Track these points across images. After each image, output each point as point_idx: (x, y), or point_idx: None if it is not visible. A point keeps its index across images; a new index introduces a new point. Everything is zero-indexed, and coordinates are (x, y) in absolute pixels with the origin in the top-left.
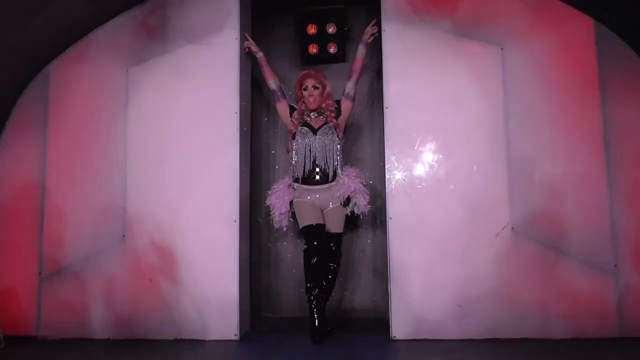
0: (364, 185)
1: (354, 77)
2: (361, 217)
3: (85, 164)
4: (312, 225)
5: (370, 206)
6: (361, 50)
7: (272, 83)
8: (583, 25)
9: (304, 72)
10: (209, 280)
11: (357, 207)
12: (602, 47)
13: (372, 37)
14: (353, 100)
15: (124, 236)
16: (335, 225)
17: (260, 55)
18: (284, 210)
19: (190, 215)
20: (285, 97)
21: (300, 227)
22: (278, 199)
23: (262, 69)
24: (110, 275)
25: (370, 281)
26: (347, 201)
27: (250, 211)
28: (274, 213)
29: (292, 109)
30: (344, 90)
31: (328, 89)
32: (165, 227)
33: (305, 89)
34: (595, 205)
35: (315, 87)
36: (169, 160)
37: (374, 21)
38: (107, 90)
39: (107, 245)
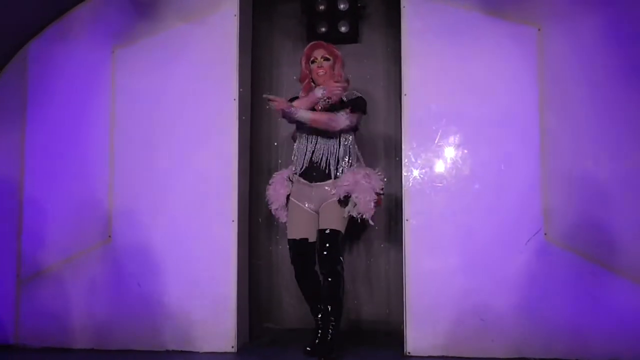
0: (370, 183)
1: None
2: (369, 223)
3: (68, 155)
4: (295, 240)
5: (374, 209)
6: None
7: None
8: (635, 3)
9: (312, 43)
10: (204, 286)
11: (356, 210)
12: None
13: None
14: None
15: (109, 236)
16: (328, 219)
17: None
18: (278, 205)
19: (184, 214)
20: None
21: (287, 237)
22: (274, 191)
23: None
24: (94, 278)
25: (383, 290)
26: (345, 201)
27: (250, 210)
28: (271, 206)
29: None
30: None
31: (340, 63)
32: (156, 225)
33: (313, 62)
34: None
35: (326, 59)
36: (160, 151)
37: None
38: (92, 74)
39: (91, 245)
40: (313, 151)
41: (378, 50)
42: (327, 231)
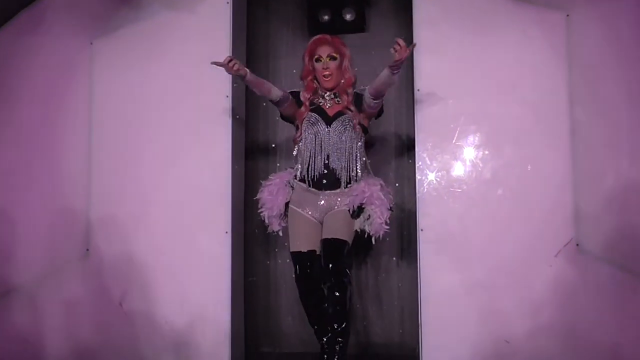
0: (386, 195)
1: (369, 92)
2: (374, 239)
3: (40, 159)
4: (301, 253)
5: (388, 227)
6: (383, 74)
7: (276, 94)
8: None
9: (316, 38)
10: (194, 305)
11: (369, 224)
12: None
13: (399, 63)
14: (370, 107)
15: (87, 250)
16: (334, 228)
17: (250, 76)
18: (275, 212)
19: (171, 225)
20: (289, 95)
21: (290, 249)
22: (270, 195)
23: (256, 87)
24: (71, 298)
25: (395, 310)
26: (357, 212)
27: (245, 220)
28: (263, 213)
29: (295, 94)
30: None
31: (348, 60)
32: (140, 238)
33: (318, 60)
34: None
35: (332, 57)
36: (144, 155)
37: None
38: (67, 68)
39: (67, 261)
40: (323, 155)
41: (387, 41)
42: (333, 240)
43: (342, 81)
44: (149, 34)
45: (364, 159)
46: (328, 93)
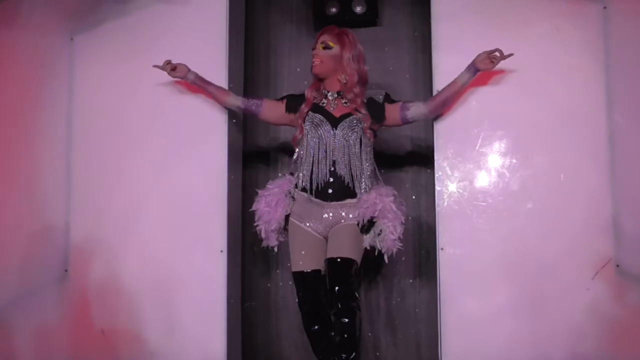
0: (399, 208)
1: (430, 104)
2: (387, 257)
3: (15, 170)
4: (303, 273)
5: (401, 243)
6: (464, 77)
7: (235, 99)
8: None
9: (324, 28)
10: (186, 334)
11: (381, 240)
12: None
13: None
14: (406, 121)
15: (66, 270)
16: (340, 245)
17: (191, 76)
18: (274, 226)
19: (159, 243)
20: (262, 97)
21: (292, 269)
22: (268, 207)
23: (207, 91)
24: (47, 324)
25: (412, 338)
26: (368, 227)
27: (243, 237)
28: (259, 227)
29: (290, 98)
30: (405, 102)
31: (349, 52)
32: (124, 258)
33: (314, 49)
34: None
35: (326, 46)
36: (130, 164)
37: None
38: (45, 67)
39: (43, 284)
40: (328, 161)
41: (402, 35)
42: (339, 260)
43: (345, 78)
44: (136, 29)
45: (374, 166)
46: (331, 92)
